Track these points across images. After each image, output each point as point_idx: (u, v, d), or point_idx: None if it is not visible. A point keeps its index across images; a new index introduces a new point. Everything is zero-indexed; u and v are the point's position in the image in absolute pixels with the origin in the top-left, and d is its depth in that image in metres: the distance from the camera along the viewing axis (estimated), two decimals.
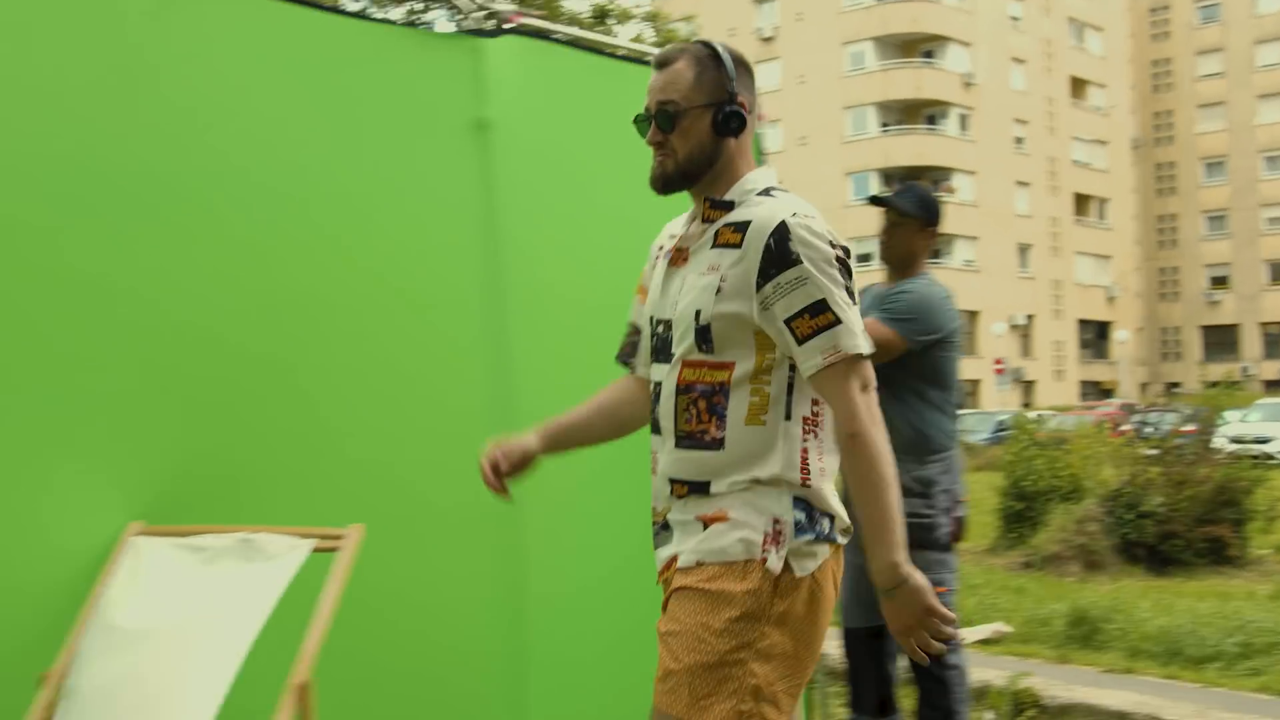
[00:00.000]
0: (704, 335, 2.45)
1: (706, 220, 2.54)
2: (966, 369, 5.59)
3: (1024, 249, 57.63)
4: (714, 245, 2.49)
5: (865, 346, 2.39)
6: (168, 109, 3.31)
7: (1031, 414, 20.52)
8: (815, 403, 2.47)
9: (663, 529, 2.57)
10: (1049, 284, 59.07)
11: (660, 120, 2.55)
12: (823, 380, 2.39)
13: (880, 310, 4.25)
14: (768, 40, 55.92)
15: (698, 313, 2.46)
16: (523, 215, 3.77)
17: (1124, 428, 16.07)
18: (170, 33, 3.31)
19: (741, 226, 2.45)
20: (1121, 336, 58.81)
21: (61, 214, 3.15)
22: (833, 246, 2.42)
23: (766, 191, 2.51)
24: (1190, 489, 11.65)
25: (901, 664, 4.44)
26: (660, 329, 2.58)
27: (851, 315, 2.39)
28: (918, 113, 55.32)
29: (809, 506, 2.45)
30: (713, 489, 2.45)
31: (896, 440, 4.06)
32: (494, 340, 3.73)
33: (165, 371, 3.29)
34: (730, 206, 2.51)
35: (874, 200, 4.45)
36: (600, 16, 21.53)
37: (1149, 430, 13.75)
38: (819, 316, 2.36)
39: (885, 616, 2.38)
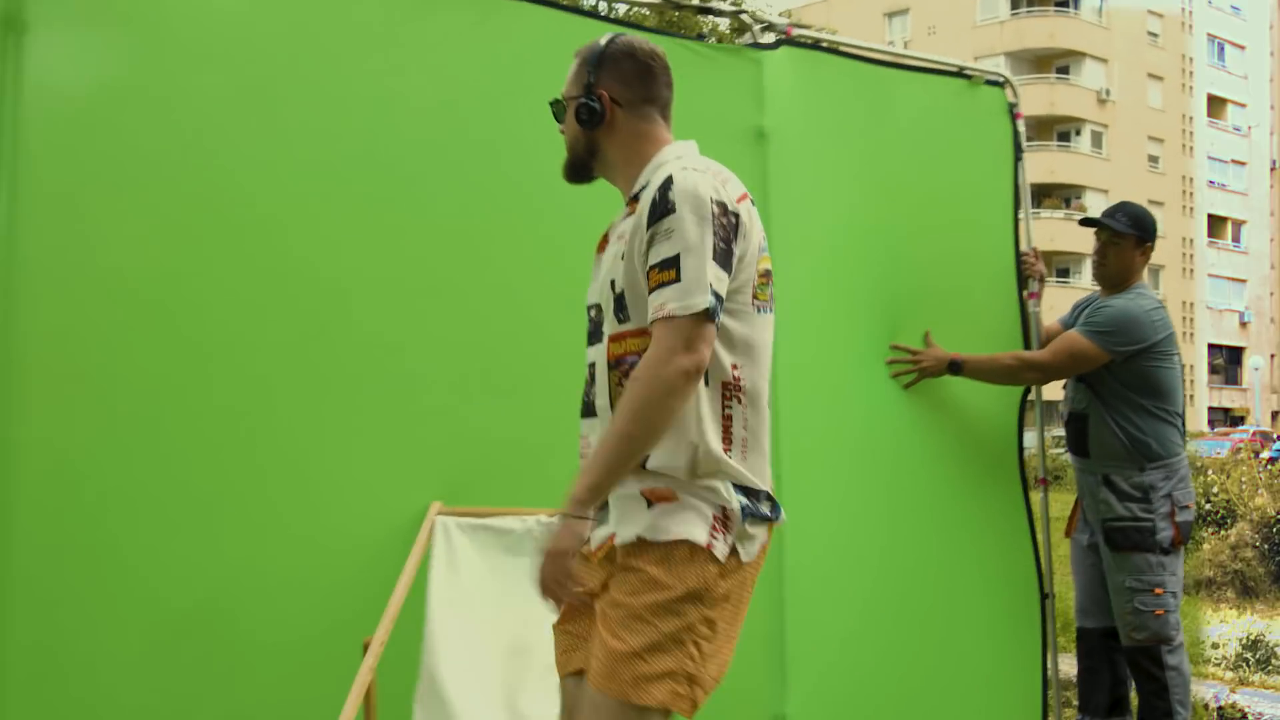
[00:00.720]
0: (620, 304, 2.47)
1: (625, 206, 2.58)
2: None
3: (1154, 270, 56.43)
4: (624, 219, 2.54)
5: (696, 305, 2.31)
6: (472, 121, 3.58)
7: None
8: (735, 366, 2.45)
9: (600, 508, 2.49)
10: (1179, 307, 57.82)
11: (554, 116, 2.69)
12: (653, 329, 2.36)
13: (1082, 324, 4.46)
14: None
15: (613, 282, 2.49)
16: (794, 220, 3.95)
17: (1265, 455, 15.84)
18: (481, 48, 3.57)
19: (642, 193, 2.48)
20: (1255, 363, 57.32)
21: (387, 224, 3.46)
22: (716, 203, 2.38)
23: (677, 158, 2.52)
24: None
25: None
26: (593, 313, 2.61)
27: (697, 275, 2.33)
28: (1050, 129, 54.44)
29: (748, 490, 2.44)
30: (650, 463, 2.40)
31: (1114, 447, 4.34)
32: None
33: (466, 362, 3.56)
34: (641, 190, 2.51)
35: (1087, 221, 4.61)
36: (740, 29, 21.64)
37: None
38: (666, 271, 2.34)
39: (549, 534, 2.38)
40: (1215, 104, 60.73)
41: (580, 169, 2.65)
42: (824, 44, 4.12)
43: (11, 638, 3.04)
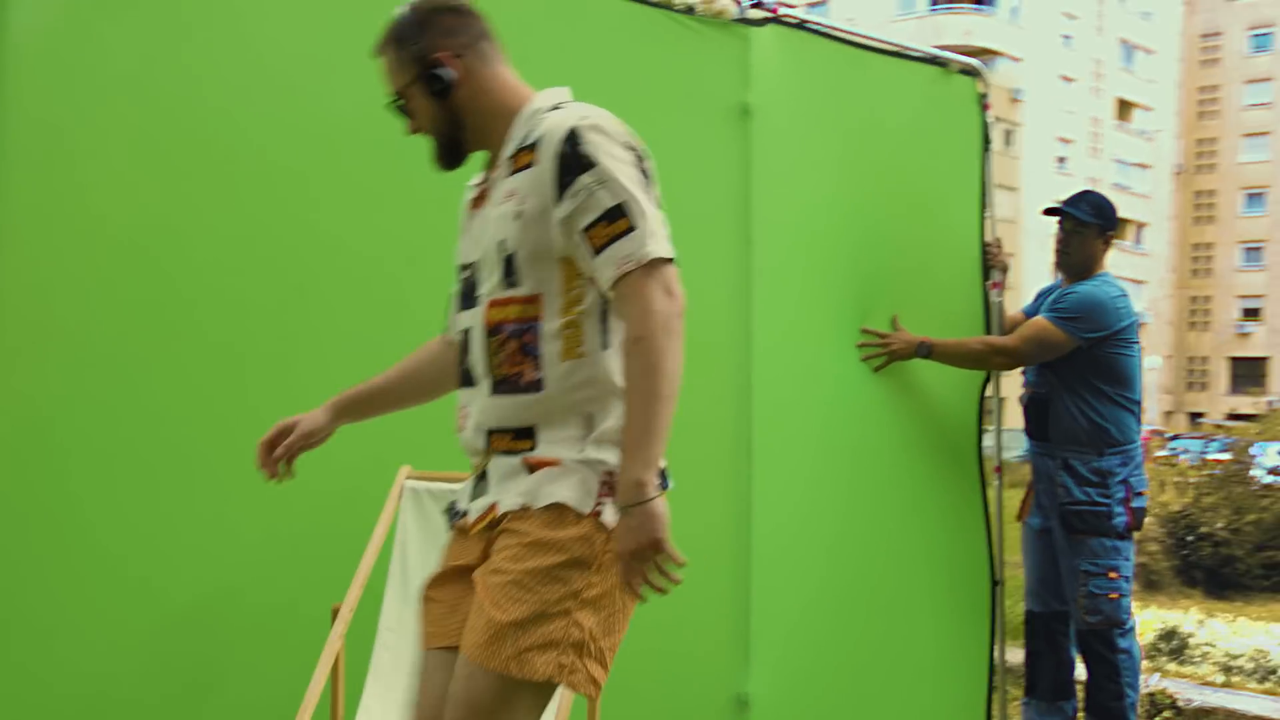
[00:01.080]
0: (509, 266, 2.29)
1: (507, 160, 2.38)
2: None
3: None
4: (510, 174, 2.34)
5: (661, 250, 2.20)
6: None
7: None
8: None
9: (480, 479, 2.38)
10: None
11: (400, 116, 2.48)
12: (619, 290, 2.20)
13: (1049, 310, 4.50)
14: None
15: (501, 242, 2.30)
16: (775, 198, 3.96)
17: (1160, 453, 16.28)
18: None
19: (534, 144, 2.29)
20: (1151, 363, 58.65)
21: (373, 186, 3.44)
22: (630, 149, 2.27)
23: (555, 108, 2.35)
24: (1253, 515, 11.79)
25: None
26: (466, 273, 2.43)
27: (649, 219, 2.21)
28: None
29: None
30: (539, 435, 2.29)
31: (1075, 433, 4.42)
32: (740, 314, 3.95)
33: (437, 327, 3.50)
34: (527, 142, 2.33)
35: (1051, 210, 4.64)
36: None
37: (1185, 456, 13.90)
38: (615, 223, 2.19)
39: (616, 534, 2.19)
40: (1123, 107, 61.96)
41: (454, 148, 2.44)
42: (809, 24, 4.11)
43: None
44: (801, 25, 4.08)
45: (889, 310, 4.36)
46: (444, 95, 2.37)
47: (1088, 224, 4.54)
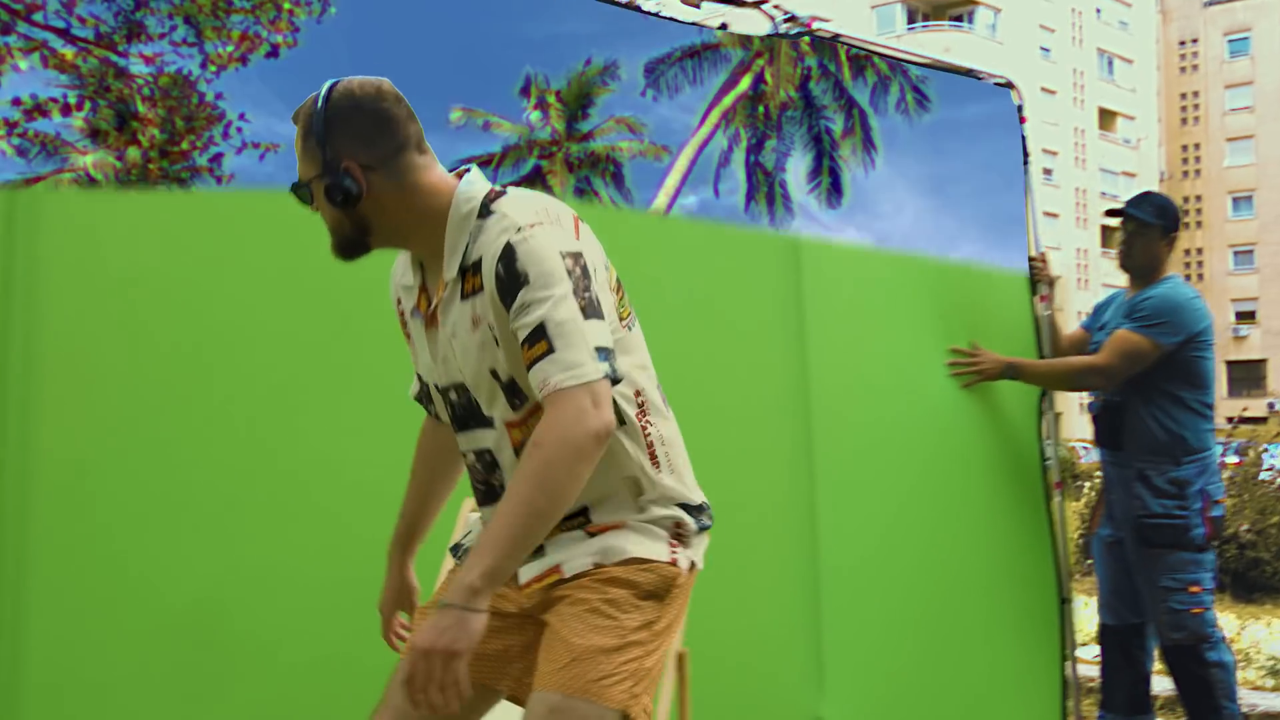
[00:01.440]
0: (513, 390, 2.23)
1: (454, 279, 2.25)
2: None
3: (1051, 280, 57.79)
4: (464, 297, 2.23)
5: (585, 375, 2.07)
6: None
7: (1075, 445, 20.61)
8: (638, 394, 2.29)
9: (533, 552, 2.29)
10: (1075, 315, 59.13)
11: (300, 198, 2.31)
12: (545, 403, 2.10)
13: (1129, 319, 4.36)
14: None
15: (494, 371, 2.23)
16: (825, 316, 4.00)
17: None
18: None
19: (478, 264, 2.19)
20: None
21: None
22: (563, 254, 2.13)
23: (485, 208, 2.22)
24: (1277, 517, 11.72)
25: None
26: (454, 395, 2.34)
27: (572, 339, 2.09)
28: None
29: (688, 506, 2.32)
30: (592, 511, 2.27)
31: (1150, 442, 4.27)
32: (794, 331, 3.92)
33: None
34: (469, 260, 2.22)
35: (1113, 212, 4.55)
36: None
37: None
38: (535, 346, 2.10)
39: (421, 626, 2.09)
40: (1106, 117, 62.30)
41: (353, 246, 2.26)
42: (842, 38, 4.09)
43: (30, 648, 2.99)
44: (835, 39, 4.06)
45: (945, 332, 4.30)
46: (346, 205, 2.19)
47: (1151, 225, 4.45)
